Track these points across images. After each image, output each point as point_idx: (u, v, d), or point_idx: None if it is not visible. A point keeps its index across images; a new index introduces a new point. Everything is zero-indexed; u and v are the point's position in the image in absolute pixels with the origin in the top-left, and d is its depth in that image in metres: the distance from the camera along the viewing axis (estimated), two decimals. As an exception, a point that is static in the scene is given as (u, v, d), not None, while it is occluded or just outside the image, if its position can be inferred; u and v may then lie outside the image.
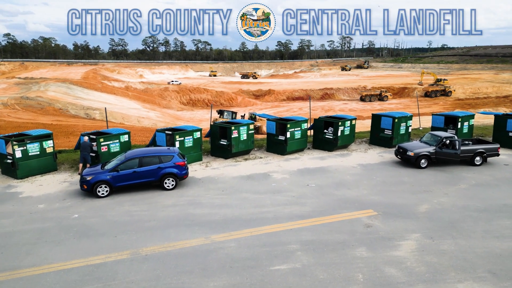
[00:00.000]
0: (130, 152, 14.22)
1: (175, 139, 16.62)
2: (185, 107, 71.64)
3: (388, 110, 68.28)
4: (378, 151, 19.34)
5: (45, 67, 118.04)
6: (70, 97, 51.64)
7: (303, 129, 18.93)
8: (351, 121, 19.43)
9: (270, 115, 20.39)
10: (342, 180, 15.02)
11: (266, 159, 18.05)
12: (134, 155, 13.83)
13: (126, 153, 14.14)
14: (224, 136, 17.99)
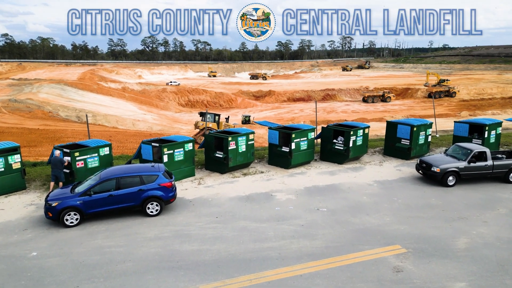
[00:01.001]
0: (106, 171, 11.81)
1: (163, 152, 14.24)
2: (183, 109, 69.27)
3: (392, 111, 66.05)
4: (394, 163, 16.93)
5: (42, 68, 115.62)
6: (63, 99, 49.26)
7: (309, 139, 16.55)
8: (363, 129, 17.04)
9: (271, 123, 17.97)
10: (358, 202, 12.63)
11: (268, 174, 15.66)
12: (110, 175, 11.43)
13: (101, 173, 11.73)
14: (220, 147, 15.61)
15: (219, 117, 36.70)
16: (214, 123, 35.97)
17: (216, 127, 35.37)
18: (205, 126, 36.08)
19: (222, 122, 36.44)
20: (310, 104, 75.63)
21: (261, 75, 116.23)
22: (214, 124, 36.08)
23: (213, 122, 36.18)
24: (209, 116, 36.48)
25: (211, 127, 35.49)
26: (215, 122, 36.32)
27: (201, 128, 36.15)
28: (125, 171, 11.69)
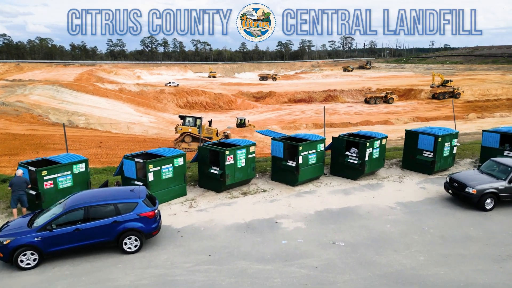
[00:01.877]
0: (73, 198, 9.51)
1: (148, 170, 11.95)
2: (181, 110, 66.90)
3: (395, 113, 63.74)
4: (416, 179, 14.63)
5: (40, 68, 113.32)
6: (56, 101, 46.98)
7: (319, 151, 14.27)
8: (381, 140, 14.75)
9: (274, 132, 15.67)
10: (381, 232, 10.35)
11: (272, 192, 13.38)
12: (77, 204, 9.15)
13: (67, 200, 9.44)
14: (216, 162, 13.34)
15: (201, 120, 33.75)
16: (195, 128, 33.05)
17: (196, 131, 32.71)
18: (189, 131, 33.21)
19: (204, 126, 33.40)
20: (311, 105, 73.40)
21: (271, 76, 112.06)
22: (195, 128, 33.10)
23: (194, 126, 33.26)
24: (189, 120, 33.53)
25: (211, 136, 32.99)
26: (196, 126, 33.30)
27: (180, 133, 33.29)
28: (97, 198, 9.40)
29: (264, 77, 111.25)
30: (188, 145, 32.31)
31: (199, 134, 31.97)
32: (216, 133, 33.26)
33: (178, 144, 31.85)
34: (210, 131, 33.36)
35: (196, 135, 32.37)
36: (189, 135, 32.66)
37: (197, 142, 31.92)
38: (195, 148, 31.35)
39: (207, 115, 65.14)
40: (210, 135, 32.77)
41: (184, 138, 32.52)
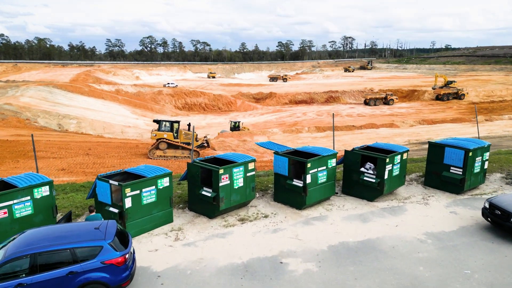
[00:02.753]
0: (17, 241, 7.29)
1: (125, 195, 9.74)
2: (180, 112, 64.77)
3: (399, 115, 61.52)
4: (444, 201, 12.41)
5: (38, 69, 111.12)
6: (47, 103, 44.75)
7: (330, 168, 12.06)
8: (401, 155, 12.53)
9: (277, 145, 13.44)
10: (414, 279, 8.12)
11: (275, 219, 11.15)
12: (21, 250, 6.94)
13: (9, 246, 7.22)
14: (208, 182, 11.13)
15: (179, 124, 30.64)
16: (171, 133, 29.70)
17: (172, 137, 29.64)
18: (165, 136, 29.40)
19: (182, 131, 30.20)
20: (312, 107, 71.22)
21: (281, 76, 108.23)
22: (170, 134, 29.73)
23: (170, 131, 29.84)
24: (165, 124, 30.16)
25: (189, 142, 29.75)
26: (172, 132, 29.87)
27: (157, 139, 29.46)
28: (48, 241, 7.16)
29: (274, 78, 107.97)
30: (163, 152, 29.17)
31: (176, 141, 29.52)
32: (195, 138, 30.24)
33: (152, 151, 28.70)
34: (188, 136, 30.30)
35: (172, 142, 29.47)
36: (164, 142, 29.38)
37: (173, 149, 29.52)
38: (171, 156, 29.09)
39: (206, 117, 63.00)
40: (189, 141, 30.03)
41: (158, 145, 29.23)
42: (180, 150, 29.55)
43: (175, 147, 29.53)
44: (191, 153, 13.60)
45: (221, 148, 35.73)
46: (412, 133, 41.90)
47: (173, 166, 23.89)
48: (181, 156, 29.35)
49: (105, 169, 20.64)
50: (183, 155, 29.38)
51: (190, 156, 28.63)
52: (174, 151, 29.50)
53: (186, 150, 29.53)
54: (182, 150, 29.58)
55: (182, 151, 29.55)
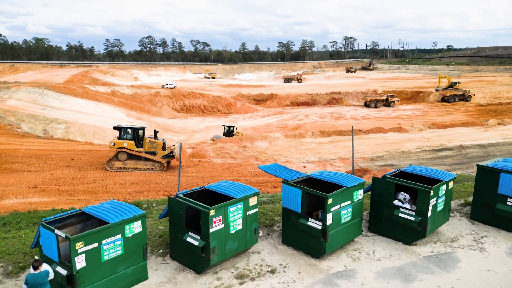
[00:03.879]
0: None
1: (75, 252, 6.81)
2: (177, 114, 61.90)
3: (405, 117, 58.54)
4: (503, 244, 9.45)
5: (35, 69, 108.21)
6: (36, 106, 41.85)
7: (356, 202, 9.14)
8: (447, 184, 9.59)
9: (285, 169, 10.32)
10: None
11: (284, 275, 8.21)
12: None
13: None
14: (196, 224, 8.21)
15: (143, 131, 26.55)
16: (131, 141, 25.46)
17: (134, 146, 25.33)
18: (125, 146, 24.92)
19: (147, 140, 26.19)
20: (315, 108, 68.32)
21: (296, 77, 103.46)
22: (131, 142, 25.41)
23: (131, 139, 25.63)
24: (126, 131, 25.71)
25: (154, 151, 25.65)
26: (135, 140, 25.72)
27: (118, 149, 25.23)
28: None
29: (288, 79, 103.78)
30: (123, 164, 25.02)
31: (138, 150, 25.24)
32: (162, 147, 26.26)
33: (111, 163, 24.74)
34: (154, 145, 26.12)
35: (134, 152, 25.25)
36: (124, 152, 25.10)
37: (135, 160, 25.31)
38: (133, 168, 24.90)
39: (205, 119, 60.02)
40: (154, 150, 26.00)
41: (118, 155, 25.05)
42: (143, 161, 25.49)
43: (137, 158, 25.43)
44: (178, 183, 10.62)
45: (219, 156, 32.82)
46: (422, 138, 38.97)
47: (140, 178, 20.74)
48: (144, 168, 25.33)
49: (85, 186, 17.75)
50: (145, 166, 25.39)
51: (154, 168, 25.38)
52: (136, 162, 25.34)
53: (150, 161, 25.53)
54: (145, 161, 25.51)
55: (145, 163, 25.46)
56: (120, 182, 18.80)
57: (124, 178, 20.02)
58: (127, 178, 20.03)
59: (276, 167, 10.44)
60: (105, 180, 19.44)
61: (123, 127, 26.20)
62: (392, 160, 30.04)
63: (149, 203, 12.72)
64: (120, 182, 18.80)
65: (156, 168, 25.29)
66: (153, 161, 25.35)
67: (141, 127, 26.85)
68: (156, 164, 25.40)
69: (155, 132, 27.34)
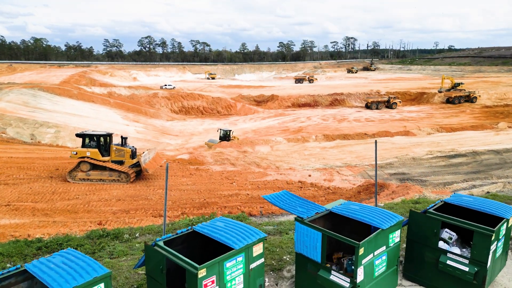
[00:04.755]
0: None
1: None
2: (176, 116, 59.72)
3: (410, 120, 56.25)
4: None
5: (33, 69, 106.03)
6: (27, 109, 39.64)
7: (392, 246, 6.93)
8: (507, 222, 7.38)
9: (297, 200, 7.96)
10: None
11: None
12: None
13: None
14: (181, 281, 5.99)
15: (110, 138, 23.63)
16: (95, 150, 22.77)
17: (98, 155, 22.63)
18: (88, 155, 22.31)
19: (113, 147, 23.45)
20: (317, 110, 66.12)
21: (308, 77, 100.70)
22: (95, 151, 22.72)
23: (95, 147, 22.95)
24: (91, 138, 23.04)
25: (122, 160, 22.88)
26: (100, 148, 23.07)
27: (79, 160, 22.56)
28: None
29: (300, 80, 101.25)
30: (86, 175, 22.25)
31: (103, 159, 22.46)
32: (131, 155, 23.40)
33: (73, 174, 22.03)
34: (121, 153, 23.36)
35: (98, 161, 22.50)
36: (86, 162, 22.36)
37: (99, 170, 22.58)
38: (96, 179, 22.19)
39: (204, 121, 57.77)
40: (122, 158, 23.23)
41: (80, 165, 22.31)
42: (108, 171, 22.63)
43: (101, 168, 22.65)
44: (164, 220, 8.39)
45: (218, 162, 30.61)
46: (431, 143, 36.75)
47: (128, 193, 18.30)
48: (109, 179, 22.46)
49: (65, 203, 15.54)
50: (110, 177, 22.48)
51: (120, 178, 22.33)
52: (100, 172, 22.50)
53: (115, 171, 22.63)
54: (110, 171, 22.62)
55: (110, 173, 22.56)
56: (105, 197, 16.57)
57: (110, 192, 17.78)
58: (114, 192, 17.81)
59: (286, 197, 8.21)
60: (89, 195, 17.21)
61: (86, 134, 23.46)
62: (403, 167, 27.83)
63: (131, 232, 10.52)
64: (105, 197, 16.57)
65: (122, 179, 22.36)
66: (119, 171, 22.41)
67: (107, 134, 23.85)
68: (122, 175, 22.45)
69: (122, 138, 24.36)
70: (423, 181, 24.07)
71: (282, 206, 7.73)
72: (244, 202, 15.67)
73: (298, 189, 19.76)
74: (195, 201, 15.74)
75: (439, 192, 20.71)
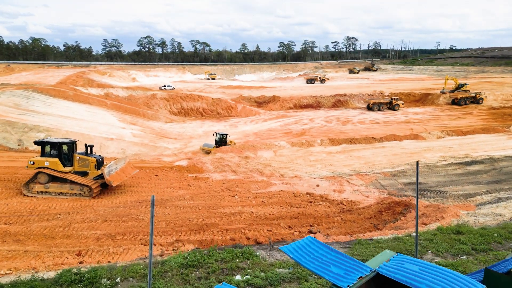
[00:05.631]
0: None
1: None
2: (175, 118, 57.53)
3: (416, 122, 53.98)
4: None
5: (31, 70, 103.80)
6: (18, 111, 37.48)
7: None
8: None
9: (331, 253, 5.86)
10: None
11: None
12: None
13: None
14: None
15: (73, 146, 20.78)
16: (56, 159, 20.01)
17: (59, 165, 19.82)
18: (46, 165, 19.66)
19: (77, 156, 20.70)
20: (319, 111, 63.98)
21: (319, 77, 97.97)
22: (56, 161, 20.01)
23: (56, 156, 20.11)
24: (51, 146, 20.10)
25: (86, 171, 20.26)
26: (61, 158, 20.23)
27: (38, 169, 19.96)
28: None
29: (311, 80, 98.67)
30: (44, 187, 19.54)
31: (64, 170, 19.74)
32: (96, 165, 20.67)
33: (30, 186, 19.48)
34: (85, 163, 20.51)
35: (57, 172, 19.73)
36: (44, 173, 19.67)
37: (59, 182, 19.74)
38: (56, 193, 19.45)
39: (204, 123, 55.52)
40: (86, 169, 20.48)
41: (37, 177, 19.73)
42: (69, 184, 19.72)
43: (61, 180, 19.76)
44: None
45: (219, 169, 28.44)
46: (443, 148, 34.60)
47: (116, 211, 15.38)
48: (70, 192, 19.59)
49: (42, 225, 13.25)
50: (72, 191, 19.60)
51: (83, 192, 19.47)
52: (60, 185, 19.61)
53: (77, 184, 19.68)
54: (71, 184, 19.71)
55: (71, 186, 19.65)
56: (90, 218, 14.19)
57: (97, 210, 15.41)
58: (101, 210, 15.45)
59: (312, 248, 6.00)
60: (72, 214, 14.89)
61: (46, 141, 20.77)
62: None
63: (111, 274, 8.36)
64: (90, 218, 14.19)
65: (84, 193, 19.47)
66: (81, 184, 19.57)
67: (71, 141, 21.01)
68: (84, 188, 19.57)
69: (86, 147, 21.61)
70: (441, 192, 21.93)
71: (311, 267, 5.53)
72: (249, 223, 13.50)
73: (307, 204, 17.58)
74: (193, 222, 13.58)
75: (465, 207, 18.58)
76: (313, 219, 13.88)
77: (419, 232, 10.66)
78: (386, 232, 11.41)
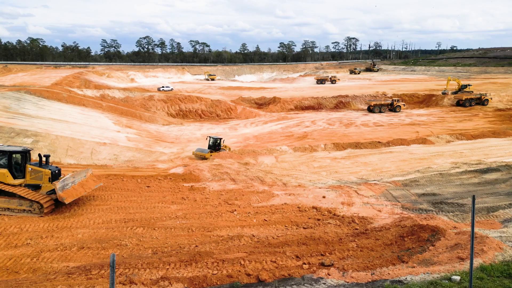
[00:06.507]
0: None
1: None
2: (173, 120, 55.41)
3: (422, 124, 51.85)
4: None
5: (29, 70, 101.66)
6: (7, 114, 35.40)
7: None
8: None
9: None
10: None
11: None
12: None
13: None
14: None
15: (27, 156, 18.14)
16: (5, 170, 17.27)
17: (7, 177, 17.15)
18: None
19: (28, 168, 17.78)
20: (321, 113, 61.88)
21: (330, 78, 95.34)
22: (4, 172, 17.21)
23: (6, 167, 17.37)
24: (4, 155, 17.40)
25: (39, 184, 17.56)
26: (11, 168, 17.49)
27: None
28: None
29: (322, 80, 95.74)
30: None
31: (13, 183, 17.08)
32: (50, 178, 17.65)
33: None
34: (38, 176, 17.72)
35: (4, 185, 17.10)
36: None
37: (6, 197, 16.90)
38: (3, 209, 16.67)
39: (202, 126, 53.40)
40: (39, 182, 17.66)
41: None
42: (17, 199, 16.85)
43: (9, 195, 16.94)
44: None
45: (216, 177, 26.33)
46: (453, 153, 32.50)
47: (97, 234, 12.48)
48: (18, 209, 16.73)
49: (8, 253, 11.21)
50: (20, 207, 16.74)
51: (32, 209, 16.63)
52: (8, 200, 16.83)
53: (26, 200, 16.78)
54: (20, 199, 16.81)
55: (20, 201, 16.77)
56: (65, 243, 11.94)
57: (75, 234, 13.06)
58: (80, 233, 13.12)
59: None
60: (46, 237, 12.64)
61: None
62: (431, 186, 23.59)
63: None
64: (65, 243, 11.94)
65: (34, 209, 16.59)
66: (30, 200, 16.66)
67: (24, 150, 18.16)
68: (34, 205, 16.65)
69: (40, 157, 18.64)
70: (460, 206, 19.85)
71: None
72: (249, 251, 11.41)
73: (315, 222, 15.49)
74: (184, 249, 11.52)
75: (489, 224, 16.51)
76: (324, 245, 11.79)
77: (458, 272, 8.57)
78: (415, 268, 9.31)
